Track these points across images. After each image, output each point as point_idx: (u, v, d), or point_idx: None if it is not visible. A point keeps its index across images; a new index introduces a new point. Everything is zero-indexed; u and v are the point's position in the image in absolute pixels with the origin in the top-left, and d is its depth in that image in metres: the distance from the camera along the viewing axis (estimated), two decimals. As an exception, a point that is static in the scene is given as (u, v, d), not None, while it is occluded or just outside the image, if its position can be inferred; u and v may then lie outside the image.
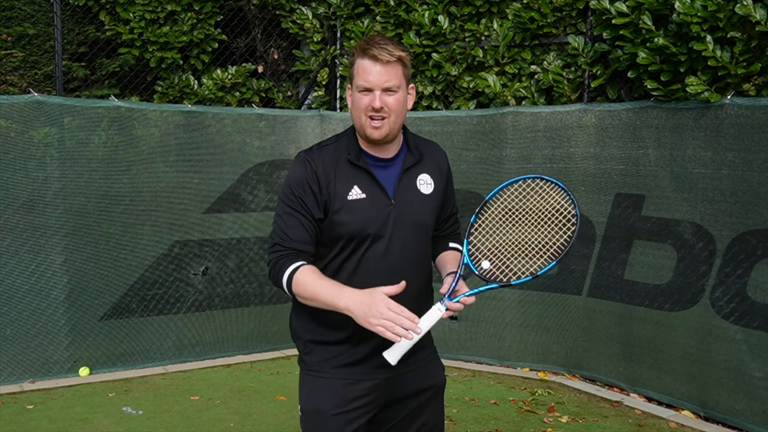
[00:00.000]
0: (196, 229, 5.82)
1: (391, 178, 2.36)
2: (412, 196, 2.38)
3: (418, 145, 2.45)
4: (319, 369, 2.36)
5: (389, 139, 2.33)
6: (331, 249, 2.32)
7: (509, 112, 5.61)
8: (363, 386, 2.35)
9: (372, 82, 2.25)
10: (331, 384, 2.35)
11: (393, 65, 2.25)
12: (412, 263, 2.37)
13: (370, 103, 2.26)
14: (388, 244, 2.31)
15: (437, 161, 2.49)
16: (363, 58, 2.27)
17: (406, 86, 2.33)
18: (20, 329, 5.16)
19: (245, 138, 6.04)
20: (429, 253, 2.48)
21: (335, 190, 2.29)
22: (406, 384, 2.42)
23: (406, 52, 2.30)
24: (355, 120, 2.33)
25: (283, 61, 7.08)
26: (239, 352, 6.07)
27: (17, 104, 5.06)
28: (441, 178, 2.47)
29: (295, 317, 2.45)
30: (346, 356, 2.34)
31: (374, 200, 2.31)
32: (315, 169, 2.30)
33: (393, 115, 2.28)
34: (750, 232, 4.40)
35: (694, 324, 4.70)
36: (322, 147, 2.39)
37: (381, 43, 2.25)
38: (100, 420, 4.59)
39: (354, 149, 2.34)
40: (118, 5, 6.14)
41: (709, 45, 4.44)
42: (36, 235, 5.16)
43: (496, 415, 4.80)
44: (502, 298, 5.76)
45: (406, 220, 2.34)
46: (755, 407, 4.39)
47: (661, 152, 4.91)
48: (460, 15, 5.99)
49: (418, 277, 2.37)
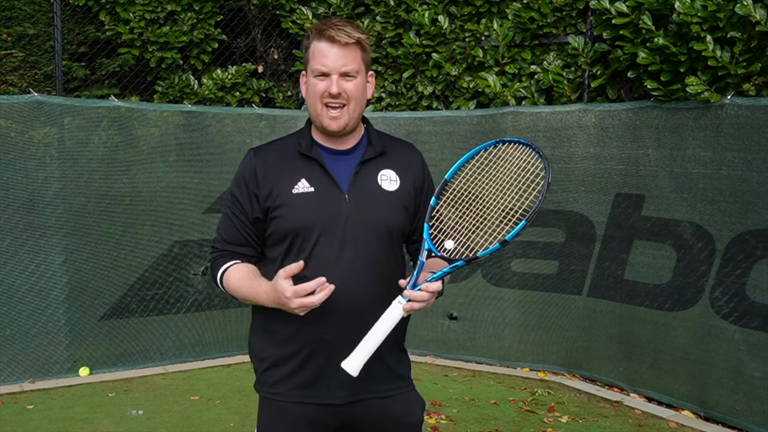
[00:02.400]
0: (195, 229, 5.82)
1: (346, 171, 2.13)
2: (370, 190, 2.13)
3: (382, 140, 2.23)
4: (274, 392, 2.15)
5: (348, 131, 2.14)
6: (278, 248, 2.12)
7: (509, 112, 5.61)
8: (320, 413, 2.13)
9: (329, 66, 2.06)
10: (285, 410, 2.14)
11: (351, 48, 2.07)
12: (371, 266, 2.09)
13: (326, 88, 2.07)
14: (341, 242, 2.07)
15: (407, 160, 2.24)
16: (319, 40, 2.08)
17: (366, 73, 2.14)
18: (20, 329, 5.16)
19: (245, 138, 6.04)
20: (396, 260, 2.19)
21: (278, 184, 2.10)
22: (374, 413, 2.17)
23: (365, 35, 2.11)
24: (311, 109, 2.13)
25: (283, 61, 7.08)
26: (239, 352, 6.07)
27: (17, 104, 5.07)
28: (410, 177, 2.20)
29: (251, 334, 2.25)
30: (300, 375, 2.12)
31: (324, 194, 2.09)
32: (255, 165, 2.14)
33: (352, 103, 2.09)
34: (749, 232, 4.40)
35: (694, 324, 4.71)
36: (274, 141, 2.24)
37: (339, 25, 2.07)
38: (100, 420, 4.59)
39: (306, 140, 2.16)
40: (118, 5, 6.14)
41: (709, 45, 4.44)
42: (36, 235, 5.16)
43: (496, 415, 4.80)
44: (502, 298, 5.76)
45: (362, 216, 2.10)
46: (755, 407, 4.39)
47: (661, 152, 4.91)
48: (460, 15, 5.99)
49: (375, 285, 2.08)
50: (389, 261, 2.16)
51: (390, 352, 2.16)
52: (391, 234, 2.15)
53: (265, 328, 2.18)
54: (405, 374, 2.25)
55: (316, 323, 2.06)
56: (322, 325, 2.07)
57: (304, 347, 2.11)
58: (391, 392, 2.19)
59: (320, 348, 2.08)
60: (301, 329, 2.09)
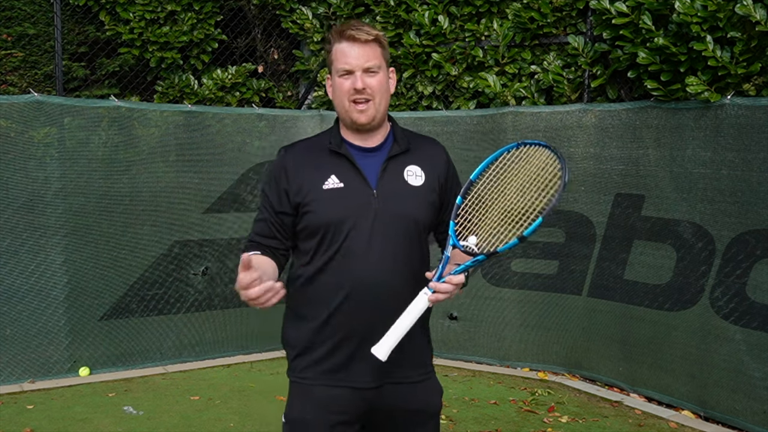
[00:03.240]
0: (195, 229, 5.82)
1: (374, 167, 2.24)
2: (397, 186, 2.24)
3: (407, 137, 2.33)
4: (304, 376, 2.27)
5: (375, 124, 2.24)
6: (311, 242, 2.22)
7: (509, 112, 5.61)
8: (350, 397, 2.23)
9: (352, 64, 2.17)
10: (315, 393, 2.24)
11: (371, 45, 2.19)
12: (398, 260, 2.21)
13: (352, 85, 2.17)
14: (369, 235, 2.17)
15: (432, 156, 2.35)
16: (340, 41, 2.19)
17: (386, 68, 2.26)
18: (20, 329, 5.16)
19: (245, 138, 6.04)
20: (422, 251, 2.30)
21: (309, 180, 2.21)
22: (398, 397, 2.28)
23: (382, 33, 2.24)
24: (338, 107, 2.23)
25: (283, 61, 7.08)
26: (239, 352, 6.07)
27: (17, 104, 5.06)
28: (435, 175, 2.32)
29: (284, 322, 2.38)
30: (331, 361, 2.23)
31: (353, 189, 2.20)
32: (285, 163, 2.25)
33: (377, 97, 2.20)
34: (749, 232, 4.40)
35: (694, 324, 4.71)
36: (304, 140, 2.36)
37: (356, 25, 2.20)
38: (100, 420, 4.59)
39: (335, 138, 2.26)
40: (118, 5, 6.14)
41: (709, 45, 4.44)
42: (36, 235, 5.16)
43: (496, 415, 4.80)
44: (502, 298, 5.77)
45: (390, 211, 2.20)
46: (755, 407, 4.39)
47: (661, 152, 4.91)
48: (460, 15, 5.99)
49: (401, 276, 2.20)
50: (415, 252, 2.26)
51: (416, 340, 2.26)
52: (417, 227, 2.26)
53: (297, 316, 2.30)
54: (428, 361, 2.37)
55: (347, 311, 2.19)
56: (353, 312, 2.18)
57: (334, 334, 2.21)
58: (416, 378, 2.30)
59: (350, 335, 2.19)
60: (333, 317, 2.20)
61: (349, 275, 2.17)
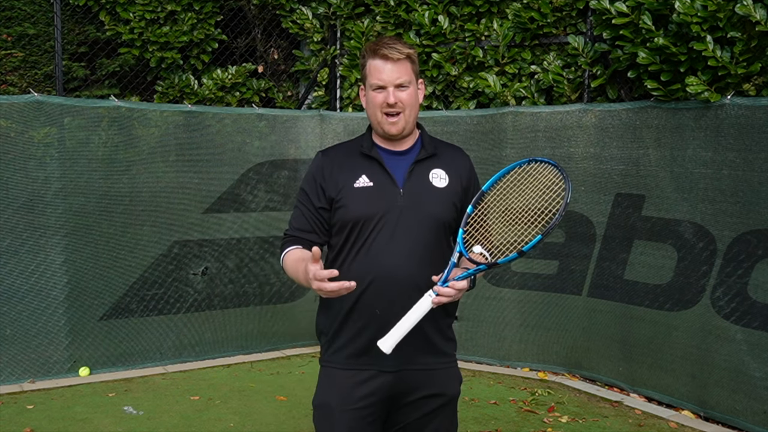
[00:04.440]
0: (195, 229, 5.82)
1: (401, 169, 2.43)
2: (423, 186, 2.42)
3: (435, 143, 2.52)
4: (332, 360, 2.45)
5: (406, 134, 2.44)
6: (341, 236, 2.41)
7: (509, 112, 5.60)
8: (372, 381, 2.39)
9: (385, 80, 2.36)
10: (340, 378, 2.41)
11: (403, 62, 2.37)
12: (420, 254, 2.36)
13: (384, 99, 2.37)
14: (394, 230, 2.35)
15: (456, 163, 2.52)
16: (374, 58, 2.39)
17: (416, 81, 2.45)
18: (20, 329, 5.16)
19: (245, 138, 6.04)
20: (442, 248, 2.44)
21: (342, 179, 2.41)
22: (418, 382, 2.44)
23: (413, 49, 2.41)
24: (372, 118, 2.44)
25: (283, 61, 7.08)
26: (239, 352, 6.07)
27: (17, 104, 5.06)
28: (459, 179, 2.49)
29: (318, 313, 2.54)
30: (354, 345, 2.40)
31: (381, 188, 2.39)
32: (323, 163, 2.45)
33: (407, 109, 2.40)
34: (751, 232, 4.40)
35: (695, 324, 4.70)
36: (340, 143, 2.57)
37: (389, 43, 2.37)
38: (100, 420, 4.59)
39: (367, 142, 2.47)
40: (118, 5, 6.13)
41: (709, 45, 4.44)
42: (36, 235, 5.16)
43: (496, 415, 4.80)
44: (502, 298, 5.76)
45: (415, 210, 2.38)
46: (755, 407, 4.39)
47: (661, 152, 4.91)
48: (460, 15, 5.99)
49: (423, 271, 2.34)
50: (436, 248, 2.42)
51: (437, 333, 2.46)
52: (438, 225, 2.42)
53: (327, 305, 2.47)
54: (450, 352, 2.55)
55: (370, 299, 2.36)
56: (375, 300, 2.36)
57: (358, 320, 2.39)
58: (435, 366, 2.47)
59: (371, 321, 2.36)
60: (357, 304, 2.37)
61: (374, 266, 2.34)
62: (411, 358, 2.40)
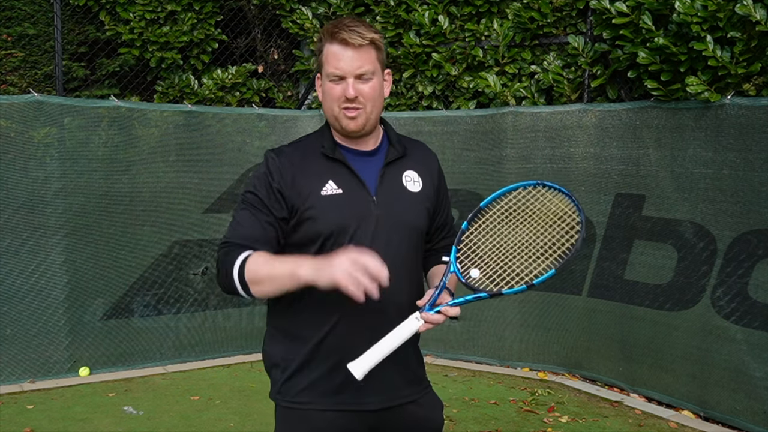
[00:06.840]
0: (195, 229, 5.82)
1: (372, 173, 2.10)
2: (397, 192, 2.12)
3: (401, 140, 2.21)
4: (301, 400, 2.10)
5: (366, 131, 2.10)
6: (308, 249, 2.04)
7: (509, 112, 5.60)
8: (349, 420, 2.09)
9: (344, 69, 2.00)
10: (313, 418, 2.08)
11: (365, 49, 2.02)
12: (399, 267, 2.05)
13: (342, 92, 2.02)
14: (370, 243, 1.99)
15: (426, 161, 2.24)
16: (332, 42, 2.02)
17: (382, 72, 2.09)
18: (20, 329, 5.16)
19: (245, 138, 6.04)
20: (420, 263, 2.21)
21: (306, 185, 2.04)
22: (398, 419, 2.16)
23: (379, 34, 2.06)
24: (328, 112, 2.08)
25: (283, 61, 7.08)
26: (239, 352, 6.07)
27: (17, 104, 5.06)
28: (431, 179, 2.22)
29: (270, 343, 2.20)
30: (329, 381, 2.07)
31: (352, 196, 2.06)
32: (279, 165, 2.05)
33: (369, 105, 2.04)
34: (751, 232, 4.40)
35: (695, 324, 4.70)
36: (292, 143, 2.17)
37: (351, 26, 2.01)
38: (100, 420, 4.59)
39: (328, 141, 2.11)
40: (118, 5, 6.13)
41: (709, 45, 4.44)
42: (36, 235, 5.16)
43: (496, 415, 4.80)
44: (502, 298, 5.76)
45: (390, 219, 2.08)
46: (755, 407, 4.38)
47: (661, 152, 4.91)
48: (460, 15, 5.99)
49: (405, 289, 2.09)
50: (415, 261, 2.18)
51: (413, 356, 2.20)
52: (416, 234, 2.16)
53: (288, 335, 2.13)
54: (423, 375, 2.27)
55: (347, 328, 2.05)
56: (354, 329, 2.04)
57: (334, 351, 2.06)
58: (416, 396, 2.19)
59: (350, 353, 1.97)
60: (331, 334, 2.06)
61: None
62: (394, 392, 2.12)
